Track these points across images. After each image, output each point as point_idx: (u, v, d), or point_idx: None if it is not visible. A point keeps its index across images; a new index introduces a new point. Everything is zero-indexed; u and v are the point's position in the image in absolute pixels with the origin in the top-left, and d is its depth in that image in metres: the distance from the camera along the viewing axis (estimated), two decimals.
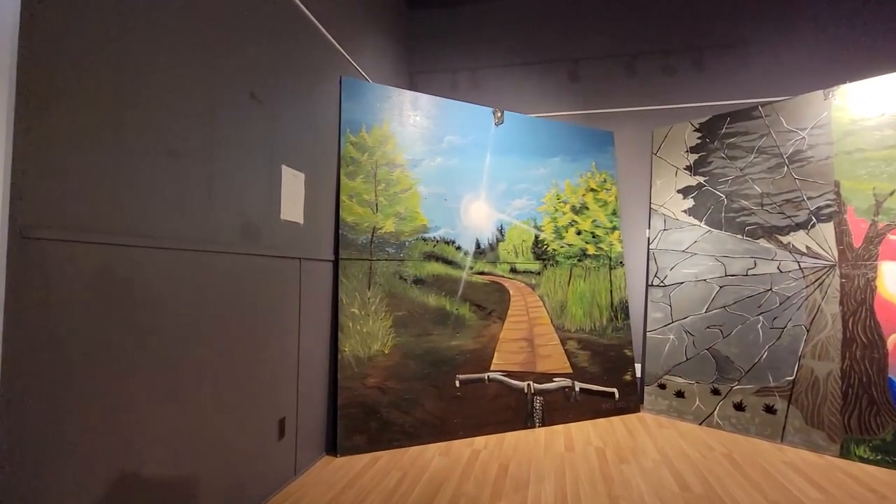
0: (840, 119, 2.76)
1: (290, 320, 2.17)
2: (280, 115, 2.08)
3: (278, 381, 2.08)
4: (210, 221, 1.64)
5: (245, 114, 1.85)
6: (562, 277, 3.29)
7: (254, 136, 1.90)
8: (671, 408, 3.19)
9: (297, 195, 2.21)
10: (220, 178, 1.70)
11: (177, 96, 1.50)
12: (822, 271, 2.72)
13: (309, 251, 2.33)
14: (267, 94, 1.98)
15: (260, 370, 1.94)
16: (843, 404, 2.55)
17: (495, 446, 2.64)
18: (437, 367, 2.77)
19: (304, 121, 2.29)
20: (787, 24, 3.46)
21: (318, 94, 2.43)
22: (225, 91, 1.73)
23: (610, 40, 3.73)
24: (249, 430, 1.87)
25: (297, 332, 2.22)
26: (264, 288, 1.96)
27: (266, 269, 1.97)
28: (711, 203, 3.24)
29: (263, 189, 1.96)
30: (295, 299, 2.21)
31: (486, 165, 3.10)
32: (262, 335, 1.95)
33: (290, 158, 2.16)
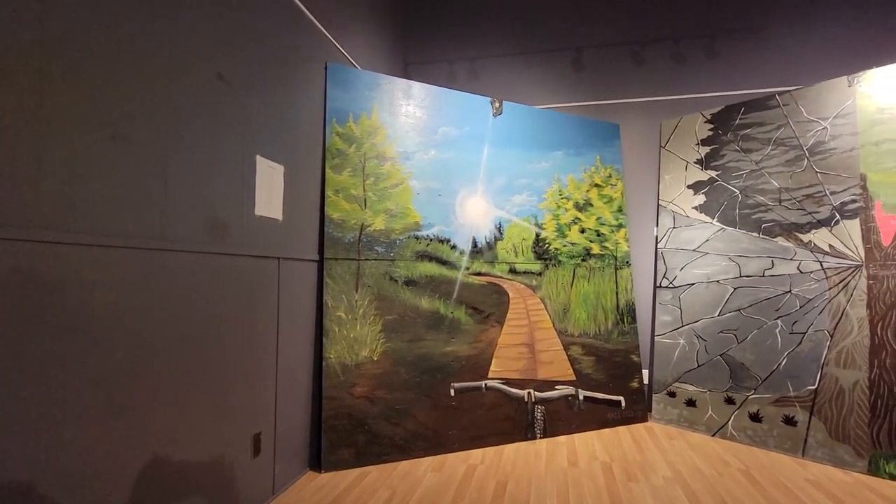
0: (866, 107, 2.54)
1: (267, 326, 1.98)
2: (254, 100, 1.89)
3: (253, 392, 1.89)
4: (167, 217, 1.45)
5: (211, 97, 1.66)
6: (564, 278, 3.09)
7: (222, 122, 1.71)
8: (681, 417, 2.99)
9: (274, 189, 2.02)
10: (180, 168, 1.51)
11: (123, 72, 1.31)
12: (847, 272, 2.51)
13: (289, 250, 2.14)
14: (238, 76, 1.79)
15: (231, 382, 1.75)
16: (872, 417, 2.34)
17: (493, 460, 2.44)
18: (431, 374, 2.58)
19: (283, 108, 2.10)
20: (806, 5, 3.25)
21: (299, 80, 2.24)
22: (185, 69, 1.54)
23: (616, 27, 3.52)
24: (218, 449, 1.69)
25: (275, 339, 2.04)
26: (235, 291, 1.77)
27: (238, 270, 1.79)
28: (725, 199, 3.03)
29: (234, 181, 1.77)
30: (273, 303, 2.02)
31: (483, 159, 2.90)
32: (233, 343, 1.76)
33: (267, 149, 1.97)
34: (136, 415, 1.35)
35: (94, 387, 1.22)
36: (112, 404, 1.28)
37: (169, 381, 1.47)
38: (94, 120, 1.22)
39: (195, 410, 1.58)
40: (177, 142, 1.49)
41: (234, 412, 1.78)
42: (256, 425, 1.91)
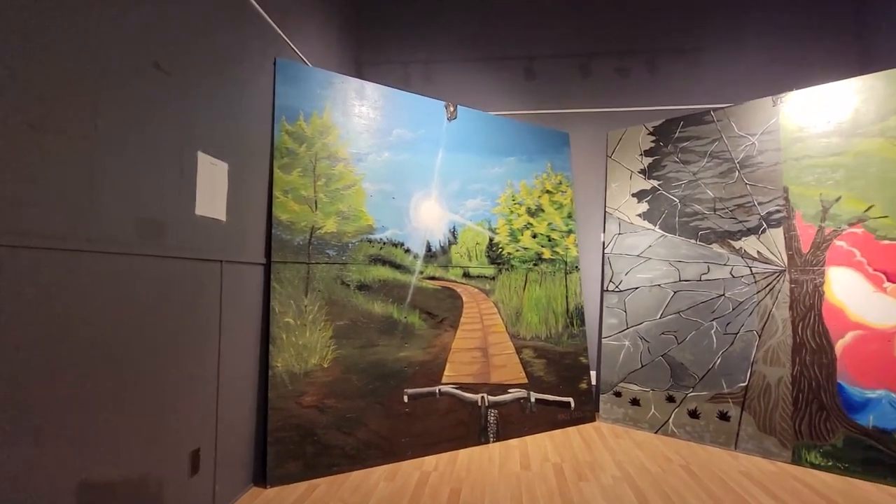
0: (788, 126, 2.78)
1: (207, 333, 1.85)
2: (196, 93, 1.77)
3: (191, 406, 1.75)
4: (92, 215, 1.32)
5: (147, 87, 1.53)
6: (517, 282, 3.13)
7: (159, 114, 1.59)
8: (627, 416, 3.10)
9: (217, 188, 1.90)
10: (108, 162, 1.38)
11: (39, 55, 1.18)
12: (773, 276, 2.72)
13: (233, 253, 2.02)
14: (178, 66, 1.67)
15: (166, 395, 1.61)
16: (794, 410, 2.53)
17: (447, 467, 2.42)
18: (384, 381, 2.52)
19: (227, 102, 1.98)
20: (737, 31, 3.51)
21: (246, 74, 2.13)
22: (116, 55, 1.41)
23: (565, 39, 3.65)
24: (151, 468, 1.55)
25: (216, 347, 1.91)
26: (172, 296, 1.64)
27: (174, 274, 1.65)
28: (665, 207, 3.20)
29: (171, 178, 1.65)
30: (214, 308, 1.90)
31: (437, 162, 2.90)
32: (169, 352, 1.63)
33: (209, 145, 1.85)
34: (56, 435, 1.21)
35: (4, 405, 1.08)
36: (26, 424, 1.13)
37: (94, 396, 1.32)
38: (6, 108, 1.09)
39: (124, 428, 1.43)
40: (105, 133, 1.36)
41: (170, 428, 1.64)
42: (195, 441, 1.78)
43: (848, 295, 2.47)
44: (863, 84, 2.55)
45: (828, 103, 2.65)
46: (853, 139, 2.54)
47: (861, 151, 2.51)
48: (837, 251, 2.53)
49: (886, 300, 2.36)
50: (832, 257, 2.54)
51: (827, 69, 3.36)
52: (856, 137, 2.54)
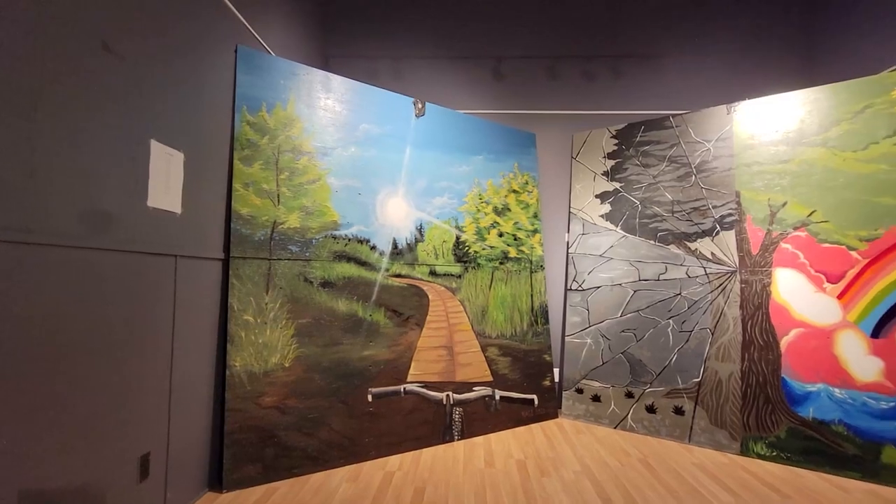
0: (740, 133, 2.92)
1: (159, 331, 1.75)
2: (149, 78, 1.68)
3: (141, 408, 1.66)
4: (32, 204, 1.22)
5: (94, 69, 1.43)
6: (483, 281, 3.15)
7: (108, 99, 1.49)
8: (588, 412, 3.18)
9: (172, 178, 1.80)
10: (50, 148, 1.28)
11: None
12: (725, 277, 2.85)
13: (189, 247, 1.93)
14: (130, 49, 1.58)
15: (113, 397, 1.52)
16: (743, 404, 2.66)
17: (411, 466, 2.40)
18: (347, 380, 2.48)
19: (184, 89, 1.89)
20: (696, 40, 3.66)
21: (205, 61, 2.03)
22: (59, 32, 1.31)
23: (533, 41, 3.69)
24: (96, 475, 1.45)
25: (169, 346, 1.81)
26: (120, 292, 1.55)
27: (123, 268, 1.56)
28: (627, 209, 3.29)
29: (121, 167, 1.55)
30: (168, 305, 1.80)
31: (405, 159, 2.87)
32: (114, 352, 1.53)
33: (163, 133, 1.76)
34: None
35: None
36: None
37: (33, 399, 1.23)
38: None
39: (67, 433, 1.34)
40: (48, 118, 1.27)
41: (117, 432, 1.54)
42: (144, 445, 1.68)
43: (792, 294, 2.62)
44: (808, 96, 2.71)
45: (776, 113, 2.80)
46: (798, 148, 2.70)
47: (805, 160, 2.67)
48: (783, 253, 2.67)
49: (826, 300, 2.52)
50: (778, 259, 2.68)
51: (777, 80, 3.55)
52: (801, 146, 2.69)
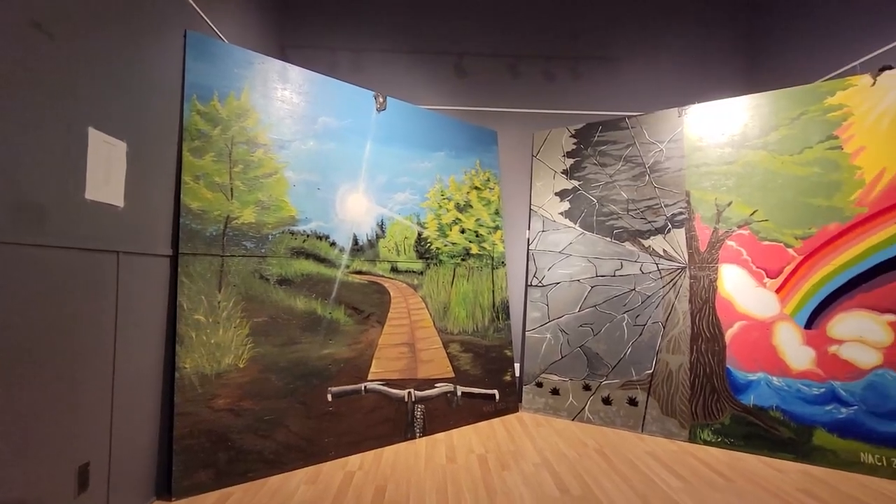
0: (690, 136, 3.05)
1: (99, 333, 1.64)
2: (87, 61, 1.56)
3: (79, 415, 1.55)
4: None
5: (23, 50, 1.32)
6: (445, 277, 3.15)
7: (39, 83, 1.37)
8: (547, 406, 3.25)
9: (113, 169, 1.69)
10: None
11: None
12: (676, 272, 2.98)
13: (133, 243, 1.81)
14: (64, 29, 1.46)
15: (45, 404, 1.41)
16: (692, 394, 2.80)
17: (372, 465, 2.37)
18: (306, 380, 2.41)
19: (126, 75, 1.77)
20: (651, 45, 3.79)
21: (151, 45, 1.91)
22: None
23: (495, 38, 3.72)
24: (26, 490, 1.34)
25: (111, 348, 1.70)
26: (54, 291, 1.43)
27: (58, 266, 1.45)
28: (585, 207, 3.38)
29: (55, 157, 1.43)
30: (109, 305, 1.69)
31: (365, 154, 2.82)
32: (49, 355, 1.42)
33: (103, 121, 1.64)
34: None
35: None
36: None
37: None
38: None
39: None
40: None
41: (52, 441, 1.43)
42: (83, 454, 1.57)
43: (736, 289, 2.77)
44: (750, 102, 2.87)
45: (723, 117, 2.95)
46: (742, 151, 2.85)
47: (748, 162, 2.82)
48: (728, 250, 2.82)
49: (766, 294, 2.68)
50: (724, 256, 2.83)
51: (724, 86, 3.74)
52: (744, 149, 2.85)
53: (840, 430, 2.39)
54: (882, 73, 2.52)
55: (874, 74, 2.54)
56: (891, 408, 2.30)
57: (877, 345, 2.37)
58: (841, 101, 2.60)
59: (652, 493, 2.08)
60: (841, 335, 2.46)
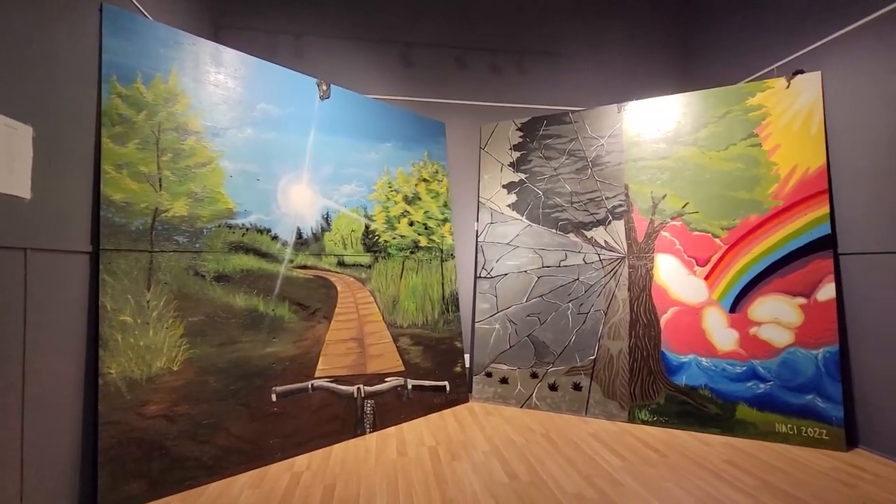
0: (628, 131, 3.19)
1: (5, 338, 1.47)
2: None
3: None
4: None
5: None
6: (394, 271, 3.11)
7: None
8: (497, 394, 3.31)
9: (17, 157, 1.51)
10: None
11: None
12: (616, 262, 3.12)
13: (44, 239, 1.64)
14: None
15: None
16: (630, 377, 2.95)
17: (320, 464, 2.31)
18: (248, 380, 2.30)
19: (31, 52, 1.58)
20: (593, 41, 3.91)
21: (59, 18, 1.72)
22: None
23: (442, 29, 3.69)
24: None
25: (19, 355, 1.53)
26: None
27: None
28: (531, 199, 3.45)
29: None
30: (17, 307, 1.52)
31: (309, 144, 2.71)
32: None
33: (2, 102, 1.46)
34: None
35: None
36: None
37: None
38: None
39: None
40: None
41: None
42: None
43: (670, 277, 2.94)
44: (683, 100, 3.03)
45: (658, 114, 3.10)
46: (675, 146, 3.02)
47: (680, 157, 2.99)
48: (663, 240, 2.99)
49: (696, 281, 2.87)
50: (659, 246, 3.00)
51: (660, 84, 3.93)
52: (677, 145, 3.01)
53: (759, 404, 2.62)
54: (795, 77, 2.75)
55: (788, 78, 2.77)
56: (801, 382, 2.54)
57: (790, 325, 2.61)
58: (760, 102, 2.81)
59: (595, 473, 2.18)
60: (760, 317, 2.69)
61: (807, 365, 2.54)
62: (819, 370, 2.51)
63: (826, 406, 2.47)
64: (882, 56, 2.37)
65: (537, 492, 2.02)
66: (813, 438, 2.48)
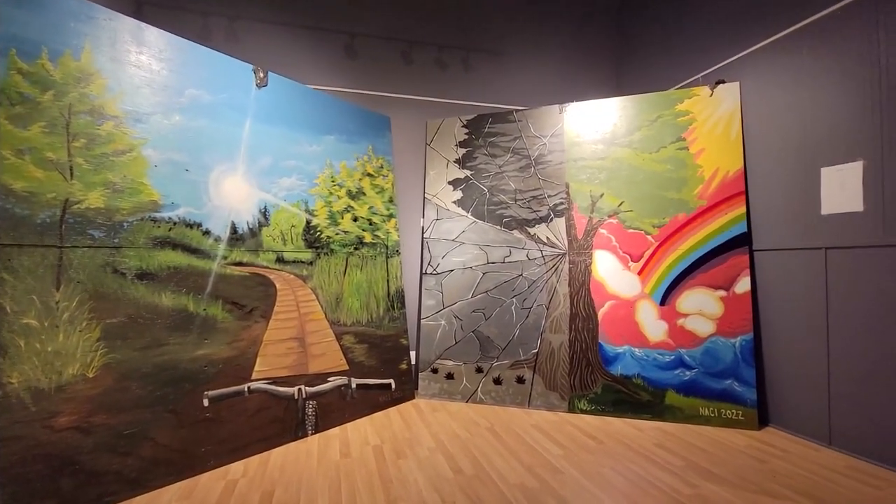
0: (569, 131, 3.30)
1: None
2: None
3: None
4: None
5: None
6: (337, 267, 3.02)
7: None
8: (442, 390, 3.32)
9: None
10: None
11: None
12: (557, 258, 3.22)
13: None
14: None
15: None
16: (570, 368, 3.06)
17: (258, 470, 2.20)
18: (176, 385, 2.15)
19: None
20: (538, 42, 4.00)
21: None
22: None
23: (388, 22, 3.62)
24: None
25: None
26: None
27: None
28: (476, 196, 3.48)
29: None
30: None
31: (244, 133, 2.56)
32: None
33: None
34: None
35: None
36: None
37: None
38: None
39: None
40: None
41: None
42: None
43: (607, 272, 3.08)
44: (619, 104, 3.18)
45: (596, 116, 3.23)
46: (612, 147, 3.16)
47: (617, 158, 3.14)
48: (600, 237, 3.12)
49: (630, 276, 3.02)
50: (597, 242, 3.13)
51: (599, 86, 4.10)
52: (613, 146, 3.15)
53: (685, 390, 2.81)
54: (717, 87, 2.96)
55: (711, 87, 2.97)
56: (721, 368, 2.75)
57: (712, 316, 2.82)
58: (687, 108, 3.00)
59: (536, 463, 2.24)
60: (686, 309, 2.88)
61: (726, 352, 2.76)
62: (736, 357, 2.73)
63: (742, 389, 2.70)
64: (792, 69, 2.60)
65: (481, 485, 2.04)
66: (731, 420, 2.69)
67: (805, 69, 2.52)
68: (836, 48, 2.36)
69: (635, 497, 1.94)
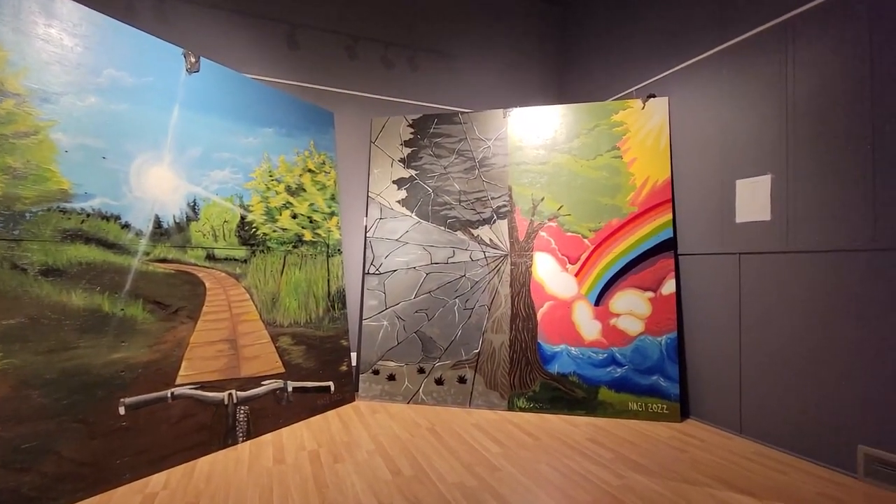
0: (513, 136, 3.37)
1: None
2: None
3: None
4: None
5: None
6: (274, 266, 2.89)
7: None
8: (384, 392, 3.27)
9: None
10: None
11: None
12: (500, 260, 3.28)
13: None
14: None
15: None
16: (511, 367, 3.13)
17: (181, 481, 2.05)
18: (87, 392, 1.96)
19: None
20: (484, 46, 4.06)
21: None
22: None
23: (332, 13, 3.53)
24: None
25: None
26: None
27: None
28: (421, 196, 3.47)
29: None
30: None
31: (172, 120, 2.39)
32: None
33: None
34: None
35: None
36: None
37: None
38: None
39: None
40: None
41: None
42: None
43: (546, 273, 3.18)
44: (560, 111, 3.29)
45: (539, 122, 3.33)
46: (553, 153, 3.26)
47: (557, 164, 3.25)
48: (541, 240, 3.22)
49: (568, 278, 3.14)
50: (537, 244, 3.22)
51: (542, 94, 4.23)
52: (554, 152, 3.26)
53: (616, 386, 2.95)
54: (648, 100, 3.15)
55: (643, 100, 3.16)
56: (648, 365, 2.92)
57: (641, 316, 2.98)
58: (622, 119, 3.17)
59: (476, 461, 2.26)
60: (618, 310, 3.03)
61: (653, 350, 2.93)
62: (662, 354, 2.91)
63: (667, 384, 2.88)
64: (714, 88, 2.82)
65: (420, 485, 2.02)
66: (657, 413, 2.87)
67: (725, 89, 2.74)
68: (752, 72, 2.59)
69: (568, 490, 2.00)
